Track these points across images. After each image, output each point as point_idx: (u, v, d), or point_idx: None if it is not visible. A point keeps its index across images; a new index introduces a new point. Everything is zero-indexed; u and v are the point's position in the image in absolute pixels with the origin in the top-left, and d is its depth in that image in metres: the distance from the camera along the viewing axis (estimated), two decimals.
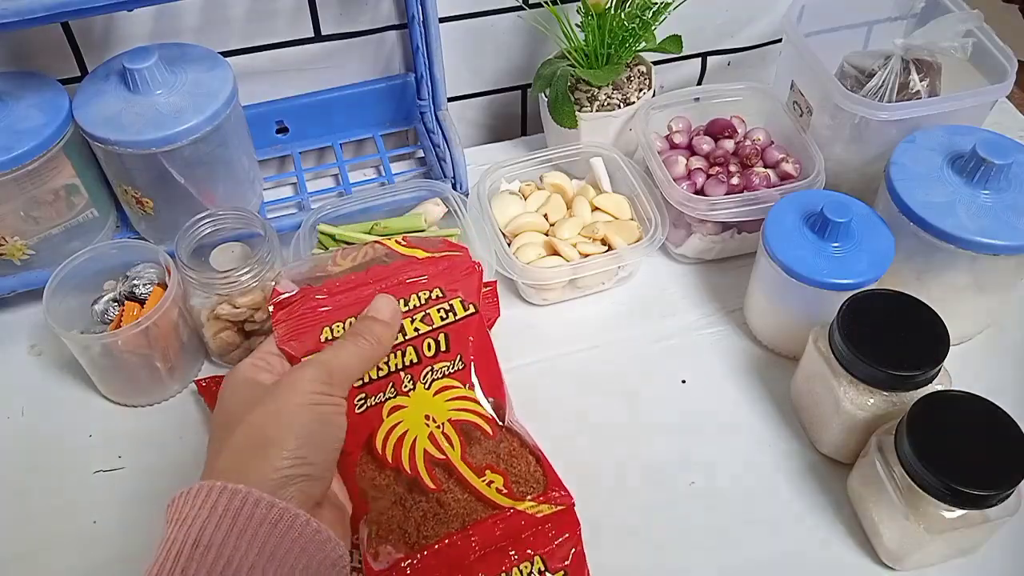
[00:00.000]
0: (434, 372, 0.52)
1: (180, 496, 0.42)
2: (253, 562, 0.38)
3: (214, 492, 0.40)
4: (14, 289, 0.73)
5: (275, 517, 0.40)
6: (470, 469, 0.50)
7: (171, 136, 0.68)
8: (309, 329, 0.55)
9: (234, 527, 0.39)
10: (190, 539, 0.39)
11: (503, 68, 0.91)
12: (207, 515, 0.39)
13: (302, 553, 0.40)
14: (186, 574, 0.38)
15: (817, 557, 0.60)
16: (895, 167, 0.68)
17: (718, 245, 0.78)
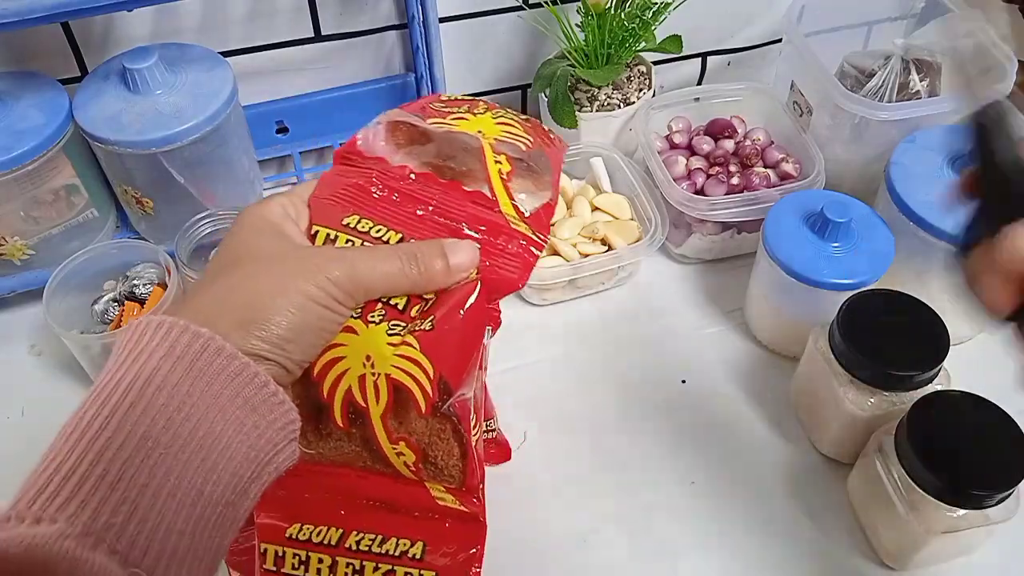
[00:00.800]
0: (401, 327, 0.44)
1: (137, 326, 0.37)
2: (204, 413, 0.35)
3: (175, 330, 0.36)
4: (14, 289, 0.73)
5: (235, 370, 0.36)
6: (385, 431, 0.45)
7: (171, 136, 0.68)
8: (343, 201, 0.47)
9: (190, 371, 0.36)
10: (143, 375, 0.35)
11: (503, 68, 0.91)
12: (164, 353, 0.36)
13: (253, 412, 0.37)
14: (133, 410, 0.35)
15: (817, 557, 0.60)
16: (895, 167, 0.68)
17: (718, 245, 0.78)
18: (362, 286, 0.42)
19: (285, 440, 0.39)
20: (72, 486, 0.33)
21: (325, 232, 0.45)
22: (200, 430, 0.35)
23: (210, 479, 0.35)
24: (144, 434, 0.34)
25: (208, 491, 0.35)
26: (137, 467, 0.34)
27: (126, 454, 0.34)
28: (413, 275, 0.43)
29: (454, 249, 0.44)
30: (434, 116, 0.51)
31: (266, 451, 0.37)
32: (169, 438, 0.34)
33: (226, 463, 0.36)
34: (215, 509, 0.35)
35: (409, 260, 0.43)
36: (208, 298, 0.39)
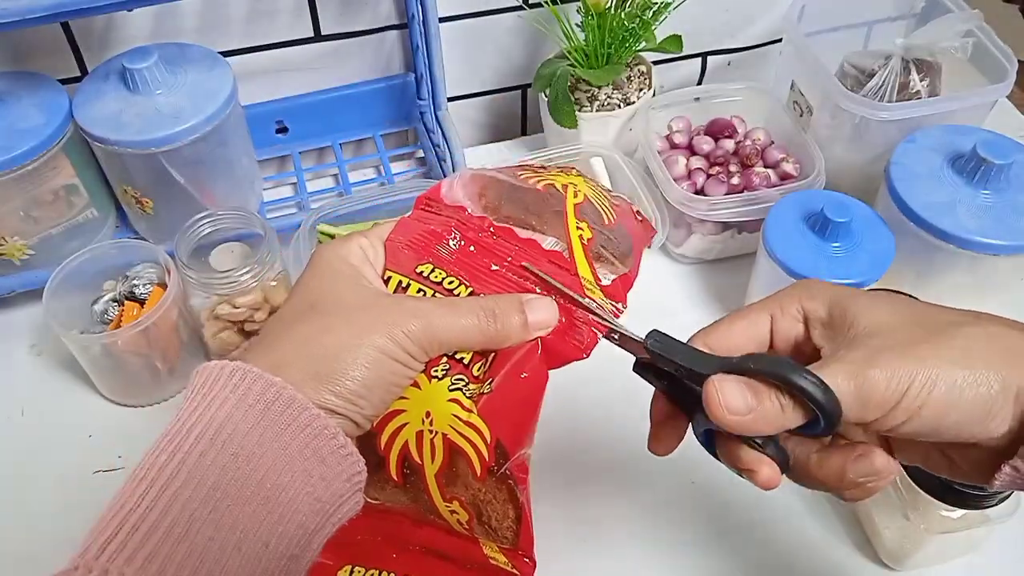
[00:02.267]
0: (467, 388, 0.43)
1: (210, 371, 0.38)
2: (272, 464, 0.35)
3: (248, 377, 0.36)
4: (14, 289, 0.73)
5: (306, 421, 0.36)
6: (439, 490, 0.44)
7: (171, 136, 0.68)
8: (418, 248, 0.46)
9: (261, 421, 0.36)
10: (215, 423, 0.35)
11: (503, 68, 0.91)
12: (236, 401, 0.36)
13: (321, 463, 0.37)
14: (203, 460, 0.34)
15: (817, 557, 0.60)
16: (895, 167, 0.68)
17: (718, 245, 0.78)
18: (437, 341, 0.41)
19: (351, 491, 0.38)
20: (140, 537, 0.33)
21: (398, 279, 0.44)
22: (268, 482, 0.35)
23: (275, 532, 0.35)
24: (213, 485, 0.34)
25: (273, 544, 0.35)
26: (205, 520, 0.34)
27: (195, 506, 0.34)
28: (490, 331, 0.42)
29: (533, 306, 0.43)
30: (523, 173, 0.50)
31: (332, 503, 0.37)
32: (237, 490, 0.34)
33: (292, 515, 0.35)
34: (279, 563, 0.35)
35: (487, 315, 0.42)
36: (283, 346, 0.39)
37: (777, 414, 0.36)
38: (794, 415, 0.36)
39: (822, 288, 0.42)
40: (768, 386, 0.37)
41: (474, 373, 0.43)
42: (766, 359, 0.37)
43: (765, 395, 0.36)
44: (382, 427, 0.42)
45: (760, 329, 0.42)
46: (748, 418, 0.36)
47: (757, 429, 0.37)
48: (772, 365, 0.37)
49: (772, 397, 0.36)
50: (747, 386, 0.37)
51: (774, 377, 0.36)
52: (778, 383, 0.36)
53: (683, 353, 0.40)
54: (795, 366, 0.36)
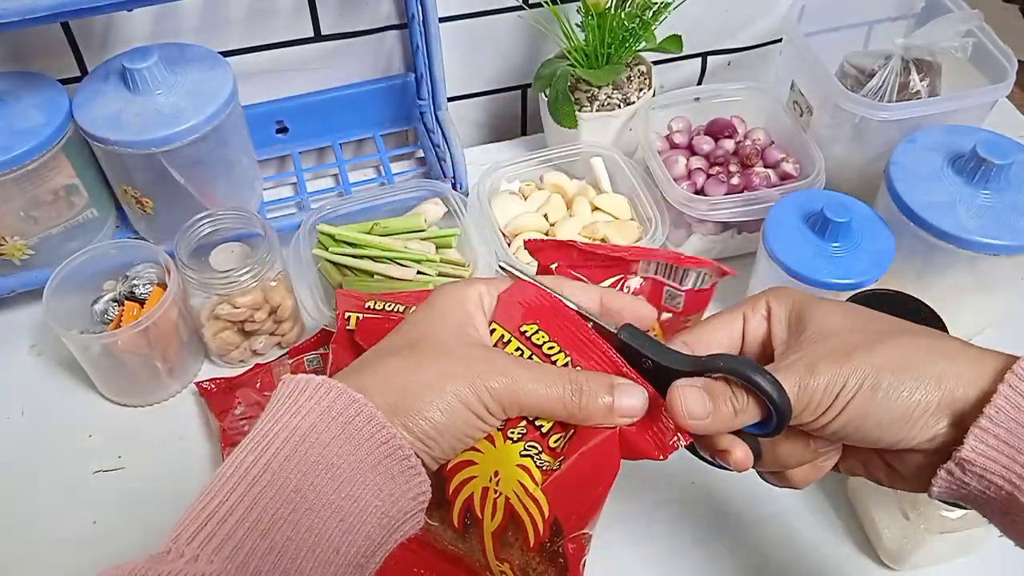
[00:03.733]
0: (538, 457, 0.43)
1: (297, 383, 0.39)
2: (349, 475, 0.37)
3: (333, 391, 0.38)
4: (14, 289, 0.73)
5: (383, 438, 0.38)
6: (494, 547, 0.44)
7: (171, 136, 0.68)
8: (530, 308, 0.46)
9: (342, 433, 0.38)
10: (300, 430, 0.37)
11: (503, 68, 0.91)
12: (321, 411, 0.38)
13: (391, 480, 0.38)
14: (288, 463, 0.37)
15: (817, 557, 0.60)
16: (895, 167, 0.68)
17: (718, 245, 0.78)
18: (518, 403, 0.41)
19: (414, 510, 0.40)
20: (228, 528, 0.35)
21: (501, 332, 0.44)
22: (343, 491, 0.37)
23: (346, 539, 0.37)
24: (295, 487, 0.36)
25: (344, 550, 0.37)
26: (285, 519, 0.36)
27: (277, 505, 0.36)
28: (573, 406, 0.41)
29: (623, 392, 0.42)
30: None
31: (397, 518, 0.39)
32: (316, 495, 0.36)
33: (361, 526, 0.37)
34: (346, 570, 0.37)
35: (575, 390, 0.41)
36: (371, 374, 0.41)
37: (731, 417, 0.40)
38: (748, 414, 0.40)
39: (788, 292, 0.44)
40: (725, 389, 0.40)
41: (550, 444, 0.43)
42: (731, 359, 0.40)
43: (721, 400, 0.40)
44: (453, 474, 0.43)
45: (733, 330, 0.45)
46: (706, 421, 0.40)
47: (715, 430, 0.40)
48: (736, 364, 0.39)
49: (727, 401, 0.40)
50: (706, 391, 0.40)
51: (737, 375, 0.39)
52: (739, 381, 0.39)
53: (654, 349, 0.42)
54: (756, 367, 0.39)
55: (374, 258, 0.71)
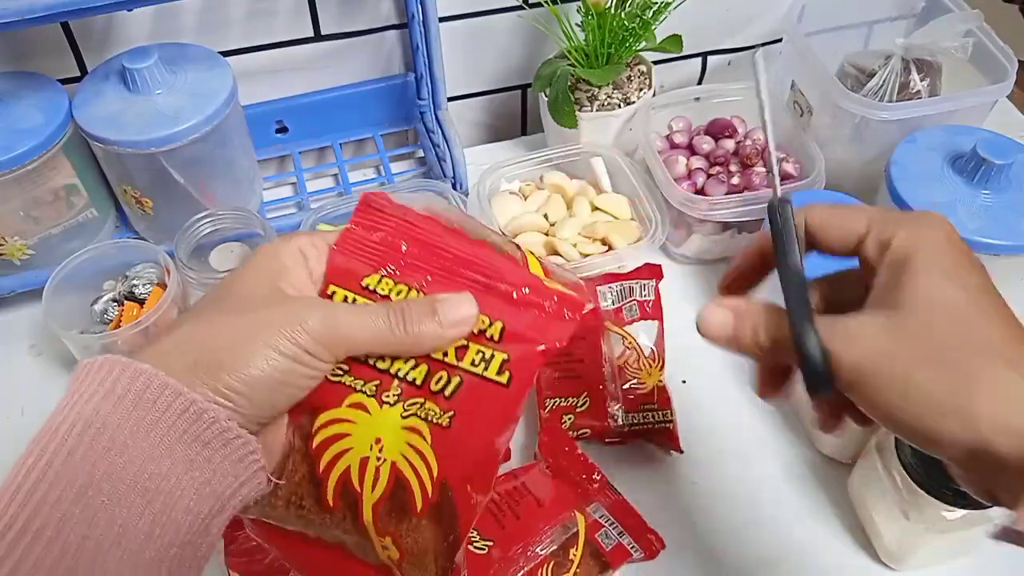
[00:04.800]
0: (421, 409, 0.41)
1: (81, 368, 0.36)
2: (148, 454, 0.34)
3: (116, 368, 0.35)
4: (14, 289, 0.73)
5: (181, 407, 0.35)
6: (375, 522, 0.41)
7: (171, 136, 0.68)
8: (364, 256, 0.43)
9: (134, 411, 0.34)
10: (82, 418, 0.34)
11: (503, 68, 0.91)
12: (104, 393, 0.34)
13: (204, 447, 0.35)
14: (72, 458, 0.33)
15: (817, 557, 0.60)
16: (895, 167, 0.68)
17: (718, 245, 0.78)
18: (342, 340, 0.39)
19: (247, 472, 0.37)
20: (6, 545, 0.32)
21: (343, 294, 0.42)
22: (144, 472, 0.34)
23: (159, 522, 0.34)
24: (84, 483, 0.33)
25: (158, 534, 0.34)
26: (76, 519, 0.32)
27: (65, 506, 0.32)
28: (400, 334, 0.39)
29: (448, 305, 0.40)
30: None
31: (225, 484, 0.36)
32: (111, 485, 0.33)
33: (176, 502, 0.34)
34: (168, 551, 0.34)
35: (396, 316, 0.40)
36: (169, 339, 0.37)
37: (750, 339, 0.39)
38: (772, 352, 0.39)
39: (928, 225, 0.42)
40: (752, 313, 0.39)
41: (431, 388, 0.40)
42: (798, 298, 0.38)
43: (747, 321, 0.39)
44: (322, 450, 0.40)
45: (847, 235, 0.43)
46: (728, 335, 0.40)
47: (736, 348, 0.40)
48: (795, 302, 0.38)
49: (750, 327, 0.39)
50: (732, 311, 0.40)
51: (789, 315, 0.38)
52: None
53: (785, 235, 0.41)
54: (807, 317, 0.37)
55: None
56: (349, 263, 0.43)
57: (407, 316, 0.40)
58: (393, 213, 0.44)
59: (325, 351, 0.38)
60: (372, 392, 0.40)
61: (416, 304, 0.40)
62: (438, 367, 0.41)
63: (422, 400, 0.40)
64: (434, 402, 0.40)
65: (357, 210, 0.44)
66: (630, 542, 0.59)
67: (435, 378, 0.40)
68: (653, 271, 0.71)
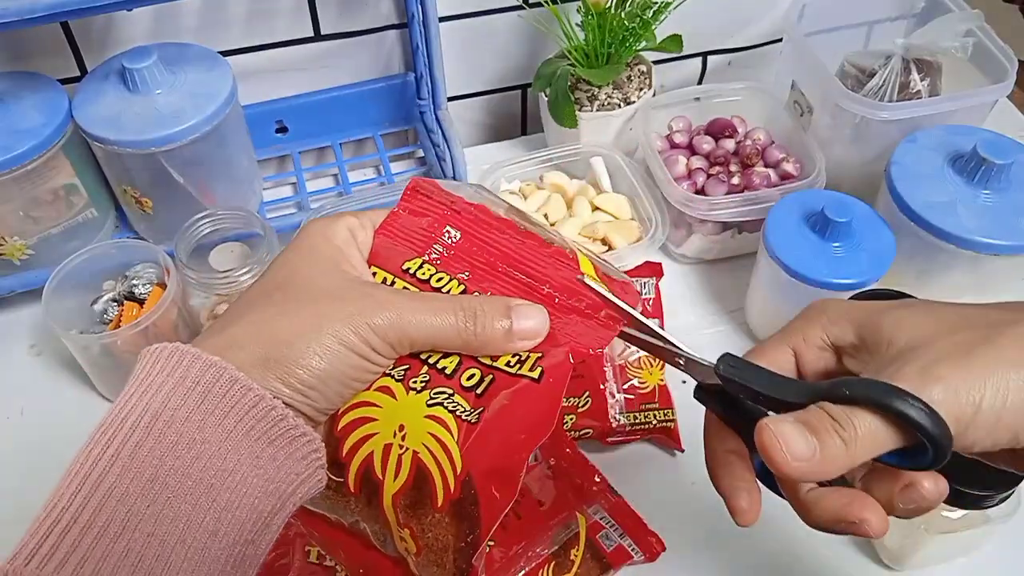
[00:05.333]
0: (449, 400, 0.39)
1: (148, 354, 0.35)
2: (215, 450, 0.33)
3: (186, 359, 0.34)
4: (14, 289, 0.73)
5: (250, 402, 0.34)
6: (395, 513, 0.39)
7: (171, 136, 0.68)
8: (407, 241, 0.42)
9: (202, 404, 0.33)
10: (151, 410, 0.33)
11: (503, 68, 0.91)
12: (173, 385, 0.34)
13: (270, 444, 0.34)
14: (140, 451, 0.32)
15: (817, 557, 0.60)
16: (896, 167, 0.68)
17: (718, 245, 0.78)
18: (407, 338, 0.37)
19: (309, 469, 0.36)
20: (72, 540, 0.31)
21: (383, 275, 0.41)
22: (211, 468, 0.33)
23: (224, 519, 0.33)
24: (151, 477, 0.32)
25: (223, 532, 0.33)
26: (143, 515, 0.32)
27: (131, 501, 0.32)
28: (468, 334, 0.38)
29: (522, 312, 0.39)
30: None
31: (288, 482, 0.35)
32: (178, 481, 0.32)
33: (241, 500, 0.34)
34: (232, 550, 0.33)
35: (467, 316, 0.38)
36: (237, 326, 0.36)
37: (842, 451, 0.32)
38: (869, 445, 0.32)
39: (844, 310, 0.38)
40: (824, 418, 0.33)
41: (463, 384, 0.39)
42: (859, 383, 0.33)
43: (824, 432, 0.32)
44: (347, 433, 0.39)
45: (785, 370, 0.38)
46: (814, 461, 0.32)
47: (825, 471, 0.32)
48: (871, 389, 0.32)
49: (832, 432, 0.32)
50: (804, 424, 0.33)
51: (873, 404, 0.32)
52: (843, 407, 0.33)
53: (761, 379, 0.36)
54: (894, 390, 0.32)
55: None
56: (392, 246, 0.42)
57: (479, 317, 0.38)
58: (441, 200, 0.43)
59: (391, 349, 0.38)
60: (400, 376, 0.39)
61: (489, 305, 0.39)
62: (470, 362, 0.40)
63: (451, 391, 0.39)
64: (464, 397, 0.39)
65: (405, 195, 0.43)
66: (631, 544, 0.59)
67: (466, 374, 0.39)
68: (653, 269, 0.71)
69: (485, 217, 0.43)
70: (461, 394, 0.39)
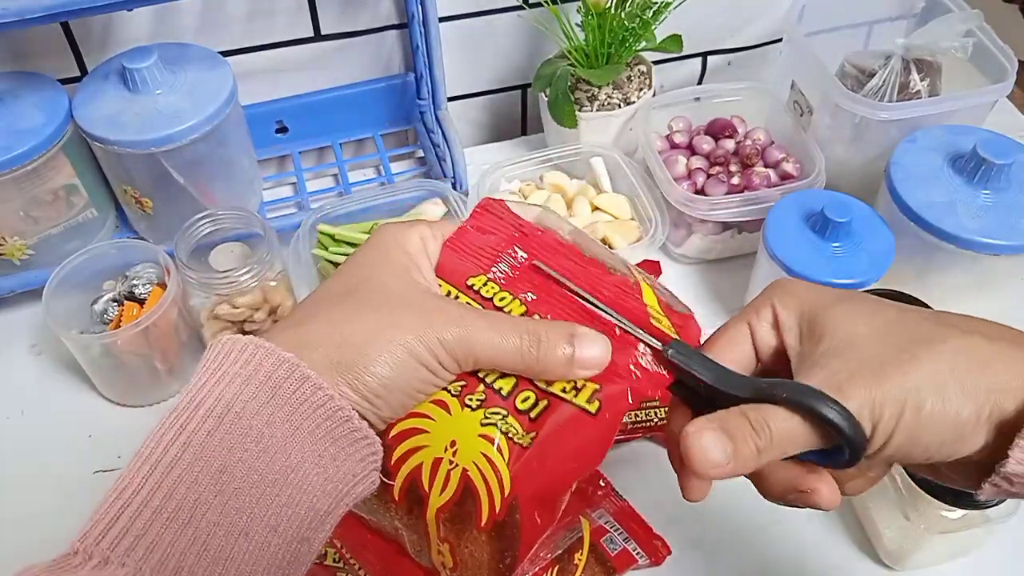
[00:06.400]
0: (503, 422, 0.39)
1: (222, 346, 0.35)
2: (282, 445, 0.34)
3: (260, 353, 0.35)
4: (14, 289, 0.73)
5: (319, 401, 0.34)
6: (436, 526, 0.40)
7: (171, 136, 0.68)
8: (474, 257, 0.43)
9: (272, 399, 0.34)
10: (223, 400, 0.34)
11: (503, 68, 0.91)
12: (246, 377, 0.34)
13: (333, 443, 0.35)
14: (211, 439, 0.33)
15: (817, 557, 0.60)
16: (895, 167, 0.68)
17: (718, 245, 0.78)
18: (472, 355, 0.38)
19: (365, 471, 0.37)
20: (143, 523, 0.32)
21: (447, 289, 0.42)
22: (277, 463, 0.34)
23: (285, 515, 0.33)
24: (220, 467, 0.33)
25: (283, 528, 0.33)
26: (210, 504, 0.32)
27: (200, 489, 0.32)
28: (530, 358, 0.38)
29: (585, 340, 0.39)
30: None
31: (345, 482, 0.36)
32: (244, 473, 0.33)
33: (302, 497, 0.34)
34: (289, 546, 0.34)
35: (532, 340, 0.38)
36: (311, 326, 0.37)
37: (753, 457, 0.35)
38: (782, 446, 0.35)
39: (796, 292, 0.39)
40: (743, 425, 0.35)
41: (518, 406, 0.39)
42: (793, 387, 0.35)
43: (740, 439, 0.35)
44: (397, 443, 0.39)
45: (743, 347, 0.40)
46: (728, 467, 0.35)
47: (735, 473, 0.35)
48: (799, 394, 0.35)
49: (747, 439, 0.35)
50: (722, 430, 0.35)
51: (800, 407, 0.34)
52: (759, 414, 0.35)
53: (708, 371, 0.38)
54: (820, 396, 0.34)
55: None
56: (458, 260, 0.43)
57: (542, 343, 0.38)
58: (509, 221, 0.44)
59: (456, 365, 0.38)
60: (456, 392, 0.39)
61: (553, 331, 0.39)
62: (526, 384, 0.40)
63: (505, 412, 0.39)
64: (518, 420, 0.39)
65: (474, 212, 0.44)
66: (636, 548, 0.58)
67: (521, 396, 0.40)
68: (651, 267, 0.70)
69: (551, 241, 0.43)
70: (515, 416, 0.39)
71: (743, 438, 0.35)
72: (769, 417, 0.35)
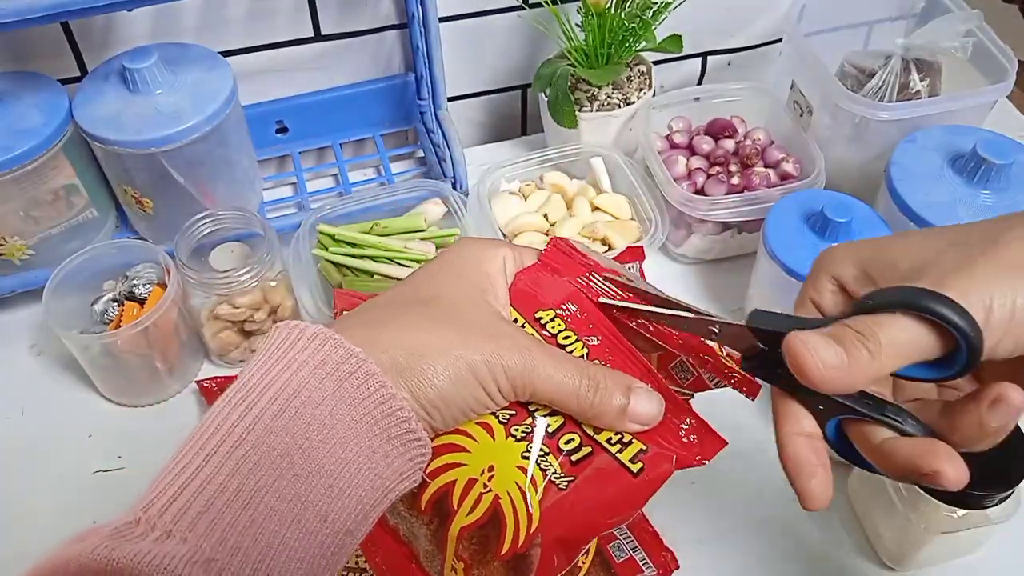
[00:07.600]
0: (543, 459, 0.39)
1: (290, 331, 0.36)
2: (340, 436, 0.34)
3: (328, 344, 0.35)
4: (14, 289, 0.73)
5: (381, 398, 0.35)
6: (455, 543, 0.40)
7: (171, 136, 0.68)
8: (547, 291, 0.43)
9: (337, 391, 0.34)
10: (291, 386, 0.34)
11: (503, 68, 0.91)
12: (315, 366, 0.35)
13: (387, 441, 0.35)
14: (276, 423, 0.33)
15: (817, 557, 0.60)
16: (895, 167, 0.68)
17: (718, 245, 0.78)
18: (531, 387, 0.39)
19: (412, 470, 0.37)
20: (206, 499, 0.32)
21: (515, 315, 0.42)
22: (333, 455, 0.34)
23: (335, 506, 0.34)
24: (283, 452, 0.33)
25: (332, 518, 0.34)
26: (270, 488, 0.33)
27: (262, 472, 0.33)
28: (585, 402, 0.39)
29: (641, 395, 0.40)
30: None
31: (392, 479, 0.36)
32: (304, 460, 0.33)
33: (352, 490, 0.34)
34: (335, 538, 0.34)
35: (590, 385, 0.39)
36: (382, 328, 0.38)
37: (868, 361, 0.32)
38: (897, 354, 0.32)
39: (844, 250, 0.38)
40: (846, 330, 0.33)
41: (560, 446, 0.40)
42: (887, 291, 0.33)
43: (850, 343, 0.33)
44: (437, 454, 0.39)
45: None
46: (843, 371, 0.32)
47: (854, 381, 0.33)
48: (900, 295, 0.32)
49: (856, 343, 0.33)
50: (831, 337, 0.33)
51: (908, 307, 0.32)
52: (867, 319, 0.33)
53: (789, 323, 0.36)
54: (925, 292, 0.32)
55: (374, 258, 0.71)
56: (530, 291, 0.43)
57: (600, 389, 0.39)
58: (581, 263, 0.44)
59: (513, 393, 0.39)
60: (504, 419, 0.40)
61: (612, 380, 0.40)
62: (573, 426, 0.40)
63: (547, 450, 0.40)
64: (558, 460, 0.40)
65: (548, 248, 0.45)
66: (643, 558, 0.58)
67: (566, 437, 0.40)
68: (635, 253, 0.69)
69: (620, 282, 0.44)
70: (556, 455, 0.39)
71: (851, 341, 0.33)
72: (875, 322, 0.33)
